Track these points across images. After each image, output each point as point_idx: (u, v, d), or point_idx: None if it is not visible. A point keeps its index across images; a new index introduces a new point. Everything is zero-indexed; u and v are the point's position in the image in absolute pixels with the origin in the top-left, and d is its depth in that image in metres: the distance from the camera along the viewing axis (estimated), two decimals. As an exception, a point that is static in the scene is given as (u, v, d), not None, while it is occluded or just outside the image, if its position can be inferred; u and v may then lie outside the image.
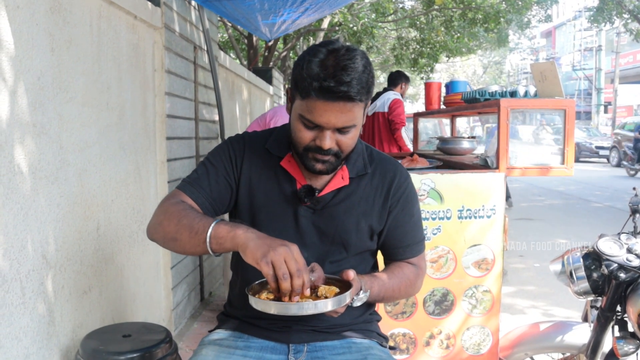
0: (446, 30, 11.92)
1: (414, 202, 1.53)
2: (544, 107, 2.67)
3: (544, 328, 2.07)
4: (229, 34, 10.69)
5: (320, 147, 1.32)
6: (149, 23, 2.76)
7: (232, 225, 1.24)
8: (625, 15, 15.24)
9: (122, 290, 2.43)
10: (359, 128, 1.38)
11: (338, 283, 1.32)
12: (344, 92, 1.26)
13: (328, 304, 1.20)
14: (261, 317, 1.43)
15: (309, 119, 1.30)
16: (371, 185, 1.48)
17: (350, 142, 1.36)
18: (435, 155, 3.63)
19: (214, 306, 3.89)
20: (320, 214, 1.43)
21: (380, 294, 1.43)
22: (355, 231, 1.45)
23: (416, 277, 1.54)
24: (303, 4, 3.36)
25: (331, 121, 1.29)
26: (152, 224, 1.36)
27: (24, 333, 1.66)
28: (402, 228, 1.50)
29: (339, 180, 1.44)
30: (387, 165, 1.52)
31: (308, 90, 1.28)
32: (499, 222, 2.56)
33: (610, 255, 1.67)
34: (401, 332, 2.59)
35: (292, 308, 1.18)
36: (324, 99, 1.27)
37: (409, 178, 1.54)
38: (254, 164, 1.45)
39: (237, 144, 1.48)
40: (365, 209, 1.46)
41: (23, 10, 1.66)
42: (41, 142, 1.77)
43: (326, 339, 1.44)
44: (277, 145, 1.47)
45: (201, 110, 3.77)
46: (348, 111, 1.29)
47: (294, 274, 1.14)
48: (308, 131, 1.33)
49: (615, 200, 9.48)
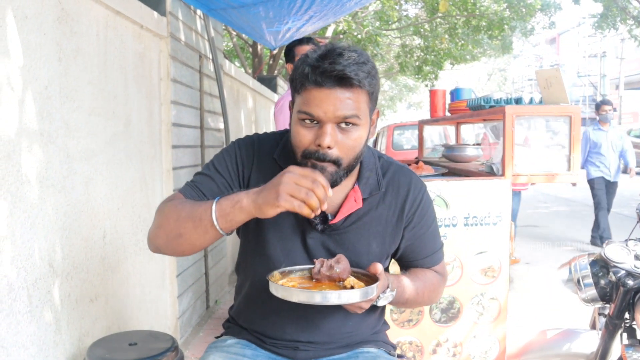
0: (450, 37, 11.95)
1: (430, 211, 1.45)
2: (549, 114, 2.67)
3: (552, 336, 2.06)
4: (234, 43, 10.75)
5: (319, 148, 1.21)
6: (155, 32, 2.78)
7: (232, 196, 1.16)
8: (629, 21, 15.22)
9: (128, 298, 2.44)
10: (366, 131, 1.26)
11: (364, 277, 1.24)
12: (340, 72, 1.17)
13: (354, 295, 1.13)
14: (266, 335, 1.41)
15: (306, 111, 1.21)
16: (384, 204, 1.38)
17: (352, 145, 1.23)
18: (440, 163, 3.62)
19: (220, 314, 3.89)
20: (329, 236, 1.35)
21: (405, 296, 1.34)
22: (367, 254, 1.36)
23: (440, 283, 1.48)
24: (307, 12, 3.38)
25: (329, 110, 1.19)
26: (151, 231, 1.27)
27: (30, 341, 1.66)
28: (419, 240, 1.43)
29: (351, 204, 1.33)
30: (400, 177, 1.41)
31: (303, 80, 1.21)
32: (505, 229, 2.55)
33: (618, 262, 1.66)
34: (408, 340, 2.57)
35: (316, 297, 1.10)
36: (320, 85, 1.19)
37: (423, 187, 1.44)
38: (262, 175, 1.33)
39: (245, 150, 1.37)
40: (377, 230, 1.37)
41: (31, 20, 1.68)
42: (48, 150, 1.78)
43: (334, 353, 1.41)
44: (284, 155, 1.35)
45: (206, 118, 3.79)
46: (347, 98, 1.19)
47: (314, 189, 1.07)
48: (307, 131, 1.23)
49: (622, 207, 9.42)
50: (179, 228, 1.20)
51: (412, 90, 29.88)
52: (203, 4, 3.19)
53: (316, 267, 1.23)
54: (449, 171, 3.24)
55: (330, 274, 1.21)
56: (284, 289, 1.13)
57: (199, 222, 1.17)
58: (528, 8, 11.98)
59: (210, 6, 3.21)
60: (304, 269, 1.28)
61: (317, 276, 1.23)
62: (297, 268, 1.28)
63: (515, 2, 11.88)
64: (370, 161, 1.39)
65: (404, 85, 28.41)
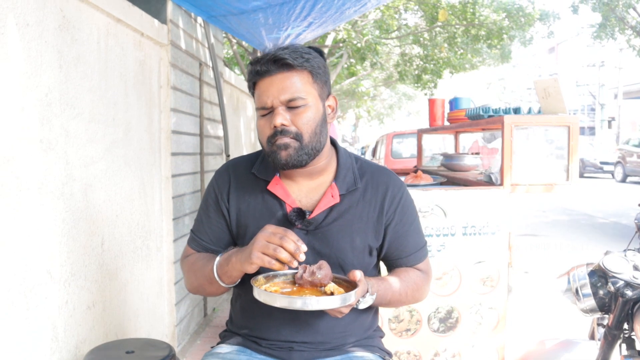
0: (449, 46, 11.99)
1: (410, 209, 1.50)
2: (547, 124, 2.68)
3: (551, 346, 2.06)
4: (234, 50, 10.78)
5: (275, 129, 1.33)
6: (156, 40, 2.80)
7: (226, 256, 1.35)
8: (627, 31, 15.31)
9: (126, 305, 2.43)
10: (317, 112, 1.36)
11: (345, 284, 1.30)
12: (274, 55, 1.32)
13: (333, 301, 1.19)
14: (262, 338, 1.45)
15: (259, 105, 1.35)
16: (364, 201, 1.44)
17: (306, 122, 1.34)
18: (439, 172, 3.63)
19: (218, 322, 3.88)
20: (314, 234, 1.41)
21: (387, 297, 1.40)
22: (351, 249, 1.42)
23: (423, 282, 1.51)
24: (307, 18, 3.39)
25: (274, 95, 1.32)
26: (185, 283, 1.53)
27: (27, 348, 1.66)
28: (402, 238, 1.48)
29: (328, 199, 1.41)
30: (378, 177, 1.48)
31: (252, 77, 1.36)
32: (504, 238, 2.55)
33: (617, 273, 1.66)
34: (406, 350, 2.57)
35: (297, 302, 1.18)
36: (263, 75, 1.34)
37: (402, 186, 1.50)
38: (241, 192, 1.46)
39: (221, 178, 1.50)
40: (359, 226, 1.43)
41: (33, 28, 1.69)
42: (48, 157, 1.78)
43: (328, 355, 1.43)
44: (263, 169, 1.46)
45: (206, 126, 3.79)
46: (288, 80, 1.32)
47: (282, 244, 1.20)
48: (265, 121, 1.36)
49: (620, 216, 9.43)
50: (200, 285, 1.46)
51: (411, 99, 29.96)
52: (203, 11, 3.20)
53: (299, 273, 1.29)
54: (448, 180, 3.24)
55: (312, 279, 1.27)
56: (266, 294, 1.21)
57: (211, 281, 1.38)
58: (527, 17, 12.04)
59: (211, 13, 3.23)
60: (287, 273, 1.34)
61: (300, 281, 1.29)
62: (281, 273, 1.33)
63: (514, 12, 11.93)
64: (347, 161, 1.48)
65: (403, 93, 28.49)
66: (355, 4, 3.27)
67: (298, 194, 1.44)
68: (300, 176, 1.44)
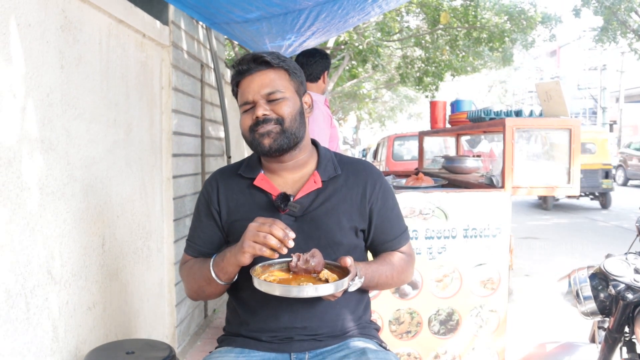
0: (451, 49, 11.99)
1: (391, 195, 1.61)
2: (549, 127, 2.67)
3: (551, 349, 2.05)
4: (236, 52, 10.80)
5: (257, 119, 1.44)
6: (157, 41, 2.80)
7: (220, 254, 1.43)
8: (629, 34, 15.30)
9: (126, 306, 2.43)
10: (295, 105, 1.49)
11: (337, 269, 1.39)
12: (254, 55, 1.46)
13: (328, 288, 1.28)
14: (263, 330, 1.48)
15: (242, 101, 1.48)
16: (346, 186, 1.55)
17: (286, 110, 1.46)
18: (440, 174, 3.63)
19: (218, 323, 3.87)
20: (302, 220, 1.49)
21: (374, 280, 1.49)
22: (339, 229, 1.50)
23: (407, 264, 1.61)
24: (310, 28, 3.38)
25: (255, 90, 1.45)
26: (185, 289, 1.61)
27: (27, 349, 1.66)
28: (387, 222, 1.58)
29: (311, 184, 1.52)
30: (357, 165, 1.60)
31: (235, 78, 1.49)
32: (505, 241, 2.55)
33: (618, 276, 1.66)
34: (406, 352, 2.56)
35: (293, 290, 1.27)
36: (244, 74, 1.47)
37: (381, 175, 1.62)
38: (229, 193, 1.56)
39: (209, 185, 1.60)
40: (344, 207, 1.52)
41: (34, 28, 1.69)
42: (49, 158, 1.78)
43: (327, 345, 1.47)
44: (249, 169, 1.57)
45: (207, 127, 3.80)
46: (267, 77, 1.46)
47: (272, 231, 1.27)
48: (247, 115, 1.48)
49: (621, 220, 9.42)
50: (199, 288, 1.52)
51: (412, 101, 29.93)
52: (206, 18, 3.20)
53: (293, 261, 1.38)
54: (449, 183, 3.24)
55: (306, 267, 1.36)
56: (266, 284, 1.29)
57: (209, 281, 1.46)
58: (529, 20, 12.04)
59: (213, 20, 3.22)
60: (282, 261, 1.42)
61: (295, 269, 1.38)
62: (277, 261, 1.42)
63: (516, 15, 11.93)
64: (327, 154, 1.61)
65: (404, 96, 28.46)
66: (359, 12, 3.27)
67: (283, 186, 1.54)
68: (283, 170, 1.55)
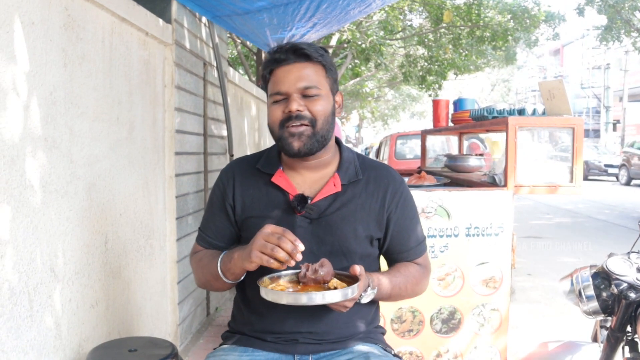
0: (454, 47, 11.98)
1: (411, 204, 1.56)
2: (552, 126, 2.67)
3: (553, 348, 2.05)
4: (238, 51, 10.80)
5: (290, 113, 1.38)
6: (160, 39, 2.80)
7: (229, 254, 1.39)
8: (633, 33, 15.26)
9: (129, 304, 2.43)
10: (329, 103, 1.43)
11: (347, 279, 1.34)
12: (295, 45, 1.39)
13: (336, 295, 1.24)
14: (267, 331, 1.46)
15: (275, 91, 1.40)
16: (366, 192, 1.49)
17: (320, 109, 1.40)
18: (442, 173, 3.62)
19: (220, 321, 3.88)
20: (317, 223, 1.44)
21: (388, 292, 1.44)
22: (354, 238, 1.46)
23: (422, 276, 1.55)
24: (311, 19, 3.39)
25: (291, 82, 1.38)
26: (194, 278, 1.58)
27: (30, 346, 1.66)
28: (404, 232, 1.52)
29: (330, 187, 1.46)
30: (380, 171, 1.54)
31: (269, 65, 1.42)
32: (507, 239, 2.55)
33: (620, 275, 1.65)
34: (408, 351, 2.56)
35: (302, 298, 1.23)
36: (281, 63, 1.40)
37: (403, 182, 1.56)
38: (245, 187, 1.51)
39: (225, 176, 1.55)
40: (362, 215, 1.47)
41: (38, 27, 1.70)
42: (52, 156, 1.79)
43: (332, 348, 1.45)
44: (267, 163, 1.52)
45: (210, 125, 3.80)
46: (305, 70, 1.39)
47: (280, 244, 1.22)
48: (278, 107, 1.40)
49: (624, 219, 9.40)
50: (207, 282, 1.49)
51: (415, 100, 29.92)
52: (208, 11, 3.21)
53: (302, 272, 1.33)
54: (451, 181, 3.24)
55: (315, 277, 1.32)
56: (273, 293, 1.26)
57: (217, 279, 1.42)
58: (532, 19, 12.02)
59: (215, 13, 3.23)
60: (290, 274, 1.39)
61: (304, 280, 1.33)
62: (285, 273, 1.38)
63: (519, 13, 11.92)
64: (350, 156, 1.54)
65: (407, 94, 28.45)
66: (360, 4, 3.27)
67: (302, 185, 1.48)
68: (304, 169, 1.49)
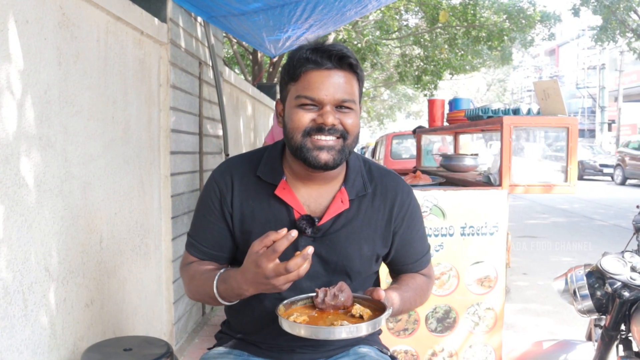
0: (450, 47, 12.01)
1: (418, 216, 1.48)
2: (547, 125, 2.68)
3: (548, 347, 2.06)
4: (234, 50, 10.79)
5: (322, 126, 1.24)
6: (155, 39, 2.80)
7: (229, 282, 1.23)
8: (628, 34, 15.33)
9: (124, 303, 2.43)
10: (358, 118, 1.31)
11: (367, 302, 1.25)
12: (339, 51, 1.24)
13: (362, 328, 1.13)
14: (261, 342, 1.42)
15: (307, 95, 1.24)
16: (372, 207, 1.39)
17: (354, 124, 1.28)
18: (438, 172, 3.63)
19: (216, 321, 3.88)
20: (321, 242, 1.34)
21: (400, 308, 1.37)
22: (359, 257, 1.37)
23: (428, 287, 1.52)
24: (307, 20, 3.39)
25: (329, 92, 1.23)
26: (186, 291, 1.44)
27: (25, 345, 1.66)
28: (409, 245, 1.46)
29: (338, 205, 1.34)
30: (388, 182, 1.43)
31: (303, 63, 1.25)
32: (502, 239, 2.56)
33: (614, 274, 1.66)
34: (403, 349, 2.57)
35: (324, 332, 1.12)
36: (319, 66, 1.24)
37: (411, 193, 1.47)
38: (245, 196, 1.36)
39: (222, 182, 1.38)
40: (367, 233, 1.38)
41: (32, 25, 1.69)
42: (47, 155, 1.78)
43: (329, 355, 1.43)
44: (269, 171, 1.37)
45: (205, 125, 3.79)
46: (345, 81, 1.25)
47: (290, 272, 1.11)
48: (306, 113, 1.25)
49: (619, 219, 9.44)
50: (202, 298, 1.35)
51: (411, 100, 29.97)
52: (204, 12, 3.21)
53: (319, 297, 1.23)
54: (447, 181, 3.24)
55: (335, 303, 1.22)
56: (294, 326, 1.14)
57: (214, 299, 1.28)
58: (528, 19, 12.06)
59: (211, 13, 3.23)
60: (304, 298, 1.29)
61: (322, 306, 1.23)
62: (299, 298, 1.28)
63: (515, 14, 11.96)
64: (356, 164, 1.42)
65: (403, 94, 28.49)
66: (356, 5, 3.27)
67: (307, 199, 1.36)
68: (311, 180, 1.36)
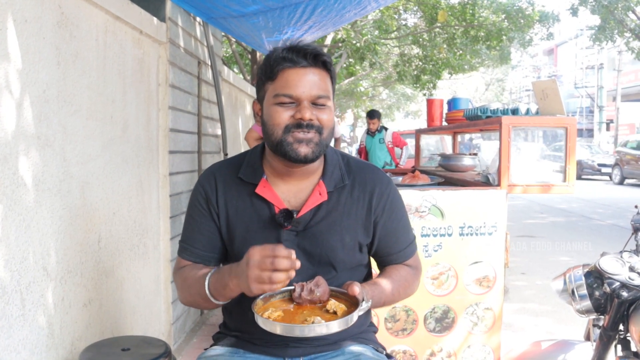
0: (448, 47, 12.00)
1: (399, 206, 1.51)
2: (545, 125, 2.68)
3: (546, 347, 2.06)
4: (233, 49, 10.79)
5: (301, 121, 1.31)
6: (154, 38, 2.79)
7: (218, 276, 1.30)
8: (626, 33, 15.35)
9: (122, 303, 2.43)
10: (332, 113, 1.37)
11: (343, 296, 1.29)
12: (314, 50, 1.32)
13: (337, 324, 1.17)
14: (257, 338, 1.44)
15: (285, 93, 1.32)
16: (351, 198, 1.44)
17: (327, 118, 1.35)
18: (436, 172, 3.63)
19: (214, 321, 3.87)
20: (303, 235, 1.39)
21: (382, 301, 1.41)
22: (342, 247, 1.42)
23: (414, 278, 1.54)
24: (307, 22, 3.38)
25: (305, 89, 1.31)
26: (179, 297, 1.48)
27: (22, 345, 1.66)
28: (392, 235, 1.49)
29: (316, 197, 1.40)
30: (366, 174, 1.48)
31: (279, 62, 1.32)
32: (501, 239, 2.56)
33: (613, 274, 1.66)
34: (401, 350, 2.57)
35: (296, 330, 1.16)
36: (295, 64, 1.32)
37: (390, 183, 1.50)
38: (229, 197, 1.44)
39: (207, 184, 1.46)
40: (348, 223, 1.42)
41: (31, 24, 1.69)
42: (45, 154, 1.78)
43: (322, 350, 1.44)
44: (250, 172, 1.44)
45: (204, 124, 3.79)
46: (319, 78, 1.33)
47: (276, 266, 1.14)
48: (285, 110, 1.33)
49: (617, 218, 9.45)
50: (195, 301, 1.40)
51: (410, 99, 29.97)
52: (203, 13, 3.20)
53: (296, 292, 1.27)
54: (445, 181, 3.25)
55: (312, 297, 1.26)
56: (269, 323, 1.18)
57: (207, 300, 1.33)
58: (526, 19, 12.06)
59: (210, 15, 3.22)
60: (284, 291, 1.31)
61: (299, 300, 1.27)
62: (278, 291, 1.30)
63: (513, 13, 11.96)
64: (334, 158, 1.47)
65: (402, 94, 28.49)
66: (356, 6, 3.26)
67: (287, 195, 1.42)
68: (290, 176, 1.42)
